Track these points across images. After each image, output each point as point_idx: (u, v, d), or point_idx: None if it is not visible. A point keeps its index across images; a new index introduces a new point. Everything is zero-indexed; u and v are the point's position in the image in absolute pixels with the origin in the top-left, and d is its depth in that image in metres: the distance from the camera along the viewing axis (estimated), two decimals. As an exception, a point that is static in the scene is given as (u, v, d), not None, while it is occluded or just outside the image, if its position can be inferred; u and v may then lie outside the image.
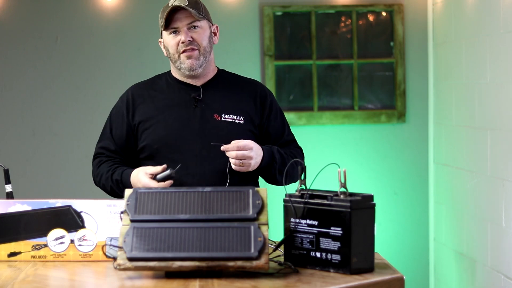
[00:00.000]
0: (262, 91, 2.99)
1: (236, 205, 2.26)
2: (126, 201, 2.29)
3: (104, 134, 3.00)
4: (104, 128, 3.01)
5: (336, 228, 2.19)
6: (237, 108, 2.91)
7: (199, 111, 2.89)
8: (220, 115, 2.89)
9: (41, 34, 4.84)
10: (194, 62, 2.87)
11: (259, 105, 2.95)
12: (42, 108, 4.87)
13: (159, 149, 2.88)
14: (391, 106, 5.02)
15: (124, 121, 2.95)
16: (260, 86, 3.02)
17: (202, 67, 2.89)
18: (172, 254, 2.16)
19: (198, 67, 2.88)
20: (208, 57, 2.89)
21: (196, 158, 2.86)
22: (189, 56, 2.86)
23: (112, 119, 2.99)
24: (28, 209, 2.48)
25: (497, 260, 4.02)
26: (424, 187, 5.02)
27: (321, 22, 4.97)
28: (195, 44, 2.85)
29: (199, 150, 2.86)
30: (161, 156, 2.87)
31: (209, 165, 2.85)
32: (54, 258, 2.46)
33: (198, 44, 2.85)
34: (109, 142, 2.97)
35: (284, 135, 3.02)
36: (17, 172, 4.03)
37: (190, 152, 2.86)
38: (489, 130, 4.07)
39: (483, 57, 4.13)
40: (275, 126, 2.98)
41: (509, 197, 3.84)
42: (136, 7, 4.86)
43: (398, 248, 4.99)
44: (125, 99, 2.98)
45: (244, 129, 2.90)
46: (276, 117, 3.00)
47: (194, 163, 2.86)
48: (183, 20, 2.84)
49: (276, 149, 2.88)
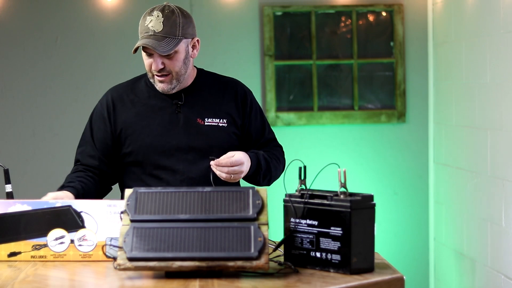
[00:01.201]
0: (242, 90, 2.97)
1: (236, 205, 2.26)
2: (126, 201, 2.29)
3: (84, 139, 2.94)
4: (84, 132, 2.95)
5: (336, 228, 2.19)
6: (220, 111, 2.90)
7: (182, 116, 2.87)
8: (203, 119, 2.87)
9: (41, 34, 4.84)
10: (166, 86, 2.83)
11: (240, 105, 2.94)
12: (42, 108, 4.87)
13: (146, 156, 2.86)
14: (391, 106, 5.02)
15: (106, 124, 2.90)
16: (240, 85, 3.00)
17: (176, 88, 2.85)
18: (172, 254, 2.16)
19: (170, 89, 2.84)
20: (183, 77, 2.84)
21: (183, 163, 2.85)
22: (161, 81, 2.82)
23: (93, 123, 2.93)
24: (28, 209, 2.48)
25: (497, 260, 4.02)
26: (424, 187, 5.02)
27: (321, 22, 4.97)
28: (167, 69, 2.80)
29: (185, 155, 2.85)
30: (147, 163, 2.86)
31: (196, 170, 2.85)
32: (54, 258, 2.46)
33: (171, 69, 2.80)
34: (89, 147, 2.91)
35: (265, 134, 3.00)
36: (17, 172, 4.03)
37: (177, 157, 2.85)
38: (489, 130, 4.07)
39: (483, 57, 4.13)
40: (256, 125, 2.97)
41: (509, 197, 3.84)
42: (136, 7, 4.85)
43: (398, 248, 4.99)
44: (104, 102, 2.93)
45: (227, 131, 2.89)
46: (257, 116, 2.98)
47: (181, 168, 2.85)
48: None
49: (262, 156, 2.86)
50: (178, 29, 2.77)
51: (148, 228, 2.22)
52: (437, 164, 4.92)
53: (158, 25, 2.76)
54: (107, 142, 2.89)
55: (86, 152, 2.92)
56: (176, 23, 2.77)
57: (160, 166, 2.85)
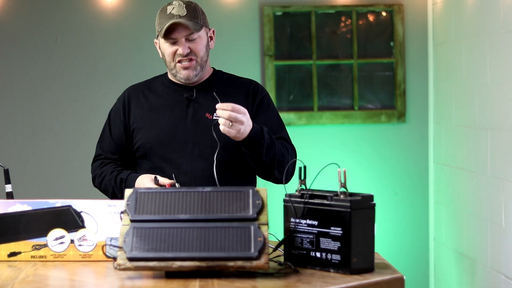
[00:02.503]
0: (255, 87, 2.98)
1: (236, 205, 2.26)
2: (126, 201, 2.29)
3: (103, 134, 3.04)
4: (104, 128, 3.05)
5: (336, 228, 2.19)
6: None
7: (192, 111, 2.91)
8: (212, 114, 2.89)
9: (41, 34, 4.84)
10: (191, 73, 2.88)
11: (250, 100, 2.94)
12: (42, 108, 4.87)
13: (152, 148, 2.90)
14: (391, 106, 5.02)
15: (121, 120, 2.98)
16: (254, 83, 3.01)
17: (199, 75, 2.90)
18: (172, 254, 2.16)
19: (194, 76, 2.89)
20: (204, 65, 2.91)
21: (188, 157, 2.87)
22: (186, 67, 2.87)
23: (111, 119, 3.03)
24: (28, 209, 2.48)
25: (497, 260, 4.02)
26: (424, 187, 5.02)
27: (321, 22, 4.97)
28: (192, 54, 2.86)
29: (191, 149, 2.88)
30: (154, 155, 2.90)
31: (200, 164, 2.86)
32: (54, 258, 2.46)
33: (196, 54, 2.87)
34: (109, 142, 3.01)
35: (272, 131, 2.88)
36: (17, 172, 4.03)
37: (182, 151, 2.88)
38: (489, 130, 4.07)
39: (483, 57, 4.13)
40: (265, 120, 2.90)
41: (509, 197, 3.84)
42: (136, 7, 4.86)
43: (398, 248, 4.99)
44: (121, 99, 3.02)
45: None
46: (267, 111, 2.95)
47: (186, 161, 2.87)
48: (181, 31, 2.84)
49: (266, 130, 2.78)
50: (199, 15, 2.88)
51: (148, 228, 2.22)
52: (437, 164, 4.92)
53: (181, 11, 2.84)
54: (123, 137, 2.98)
55: (106, 146, 3.01)
56: (197, 10, 2.88)
57: (166, 159, 2.88)
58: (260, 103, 2.95)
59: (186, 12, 2.83)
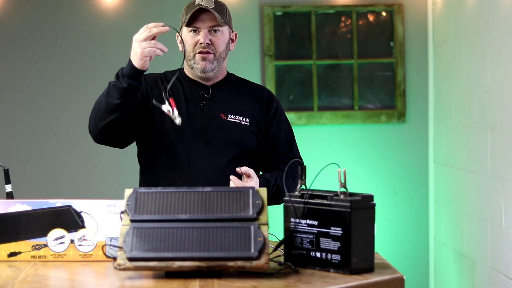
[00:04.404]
0: (269, 96, 3.02)
1: (236, 205, 2.26)
2: (126, 201, 2.29)
3: None
4: None
5: (336, 228, 2.19)
6: (244, 111, 2.93)
7: (207, 109, 2.91)
8: (227, 115, 2.90)
9: (41, 34, 4.84)
10: (208, 65, 2.88)
11: (265, 108, 2.97)
12: (42, 108, 4.87)
13: (165, 141, 2.88)
14: (391, 106, 5.02)
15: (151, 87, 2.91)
16: (267, 91, 3.05)
17: (214, 71, 2.91)
18: (172, 254, 2.16)
19: (210, 70, 2.89)
20: (222, 62, 2.92)
21: (199, 154, 2.87)
22: (203, 58, 2.87)
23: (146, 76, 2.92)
24: (28, 209, 2.48)
25: (497, 260, 4.02)
26: (424, 187, 5.02)
27: (321, 22, 4.97)
28: (212, 47, 2.87)
29: (203, 148, 2.88)
30: (165, 147, 2.87)
31: (209, 163, 2.87)
32: (54, 258, 2.46)
33: (215, 48, 2.88)
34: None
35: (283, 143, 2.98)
36: (17, 172, 4.03)
37: (194, 147, 2.87)
38: (489, 130, 4.07)
39: (483, 57, 4.13)
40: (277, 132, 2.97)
41: (509, 197, 3.84)
42: (136, 7, 4.85)
43: (398, 248, 4.99)
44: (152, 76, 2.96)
45: (248, 130, 2.91)
46: (280, 123, 2.99)
47: (196, 159, 2.87)
48: (206, 21, 2.86)
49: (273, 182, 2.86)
50: (226, 13, 2.91)
51: (148, 228, 2.22)
52: (437, 164, 4.92)
53: (210, 3, 2.87)
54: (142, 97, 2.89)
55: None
56: (225, 8, 2.92)
57: (177, 152, 2.86)
58: (274, 114, 2.99)
59: (214, 6, 2.86)
